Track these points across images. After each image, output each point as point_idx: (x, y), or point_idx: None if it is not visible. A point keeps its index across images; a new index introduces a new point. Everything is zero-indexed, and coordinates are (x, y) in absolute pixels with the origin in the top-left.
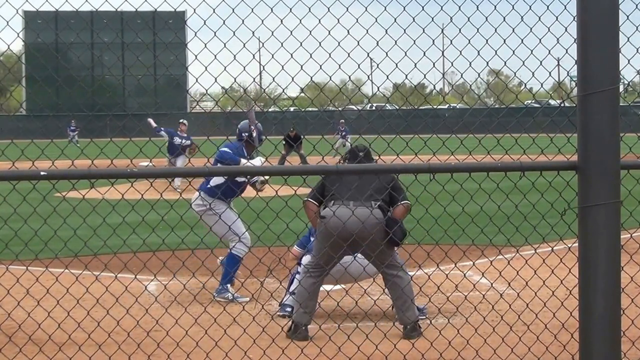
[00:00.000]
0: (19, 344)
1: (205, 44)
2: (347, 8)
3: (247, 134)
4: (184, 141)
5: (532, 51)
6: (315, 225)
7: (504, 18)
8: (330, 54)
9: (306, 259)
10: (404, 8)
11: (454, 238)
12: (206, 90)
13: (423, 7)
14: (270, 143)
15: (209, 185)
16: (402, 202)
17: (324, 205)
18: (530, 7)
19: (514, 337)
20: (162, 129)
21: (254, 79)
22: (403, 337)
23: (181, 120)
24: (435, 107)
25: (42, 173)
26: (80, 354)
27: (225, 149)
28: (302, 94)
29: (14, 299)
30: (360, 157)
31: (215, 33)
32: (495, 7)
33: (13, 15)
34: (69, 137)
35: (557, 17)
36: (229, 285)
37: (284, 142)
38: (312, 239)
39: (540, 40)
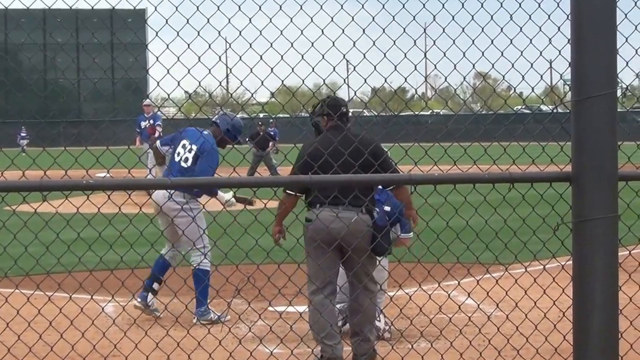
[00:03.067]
0: None
1: (168, 45)
2: (322, 6)
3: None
4: (149, 122)
5: (522, 52)
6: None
7: (492, 17)
8: (302, 56)
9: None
10: (383, 6)
11: (438, 255)
12: (168, 95)
13: (404, 5)
14: (238, 152)
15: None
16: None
17: (308, 206)
18: (520, 4)
19: None
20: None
21: (220, 82)
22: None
23: (145, 103)
24: (417, 113)
25: None
26: None
27: (214, 146)
28: (273, 99)
29: None
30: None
31: (178, 33)
32: (482, 4)
33: None
34: (20, 146)
35: (549, 16)
36: (209, 306)
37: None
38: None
39: (531, 40)
